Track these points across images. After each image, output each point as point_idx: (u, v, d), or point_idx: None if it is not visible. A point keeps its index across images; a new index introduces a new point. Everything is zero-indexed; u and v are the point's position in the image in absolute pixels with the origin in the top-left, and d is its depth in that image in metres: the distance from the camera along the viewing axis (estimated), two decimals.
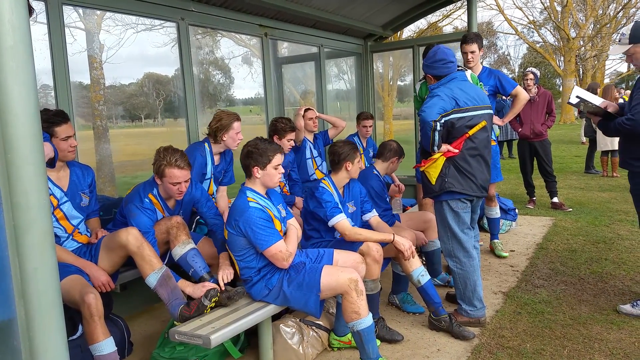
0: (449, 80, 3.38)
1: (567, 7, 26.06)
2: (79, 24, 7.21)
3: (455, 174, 3.34)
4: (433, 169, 3.36)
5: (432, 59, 3.43)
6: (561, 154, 13.60)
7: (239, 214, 2.86)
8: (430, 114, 3.20)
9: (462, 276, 3.52)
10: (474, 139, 3.33)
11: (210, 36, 8.21)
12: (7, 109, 1.35)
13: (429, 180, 3.40)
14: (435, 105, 3.23)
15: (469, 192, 3.37)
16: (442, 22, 21.87)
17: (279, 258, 2.85)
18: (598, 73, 31.50)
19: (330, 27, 6.38)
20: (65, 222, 3.01)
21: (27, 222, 1.38)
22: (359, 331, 2.86)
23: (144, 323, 3.91)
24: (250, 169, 2.97)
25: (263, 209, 2.90)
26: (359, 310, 2.84)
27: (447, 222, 3.47)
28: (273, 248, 2.82)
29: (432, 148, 3.29)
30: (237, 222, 2.85)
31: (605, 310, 3.71)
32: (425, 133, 3.26)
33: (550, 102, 7.02)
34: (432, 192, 3.44)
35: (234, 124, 3.79)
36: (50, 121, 2.83)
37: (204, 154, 3.80)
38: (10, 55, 1.35)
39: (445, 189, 3.35)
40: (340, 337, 3.31)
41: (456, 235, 3.48)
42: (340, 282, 2.84)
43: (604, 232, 5.76)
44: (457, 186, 3.34)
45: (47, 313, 1.41)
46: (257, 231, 2.81)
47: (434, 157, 3.33)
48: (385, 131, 16.88)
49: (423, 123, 3.24)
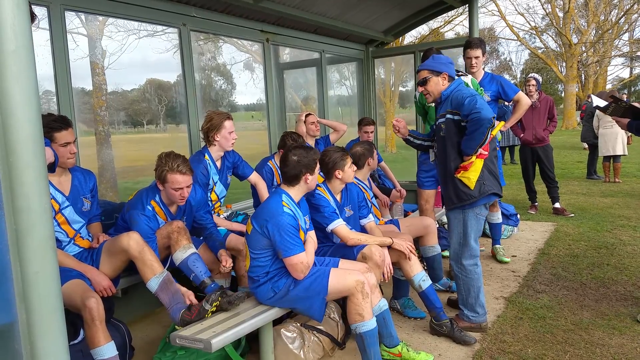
0: (459, 83, 3.38)
1: (569, 13, 26.11)
2: (81, 30, 7.27)
3: (489, 176, 3.33)
4: (473, 173, 3.28)
5: (446, 59, 3.44)
6: (563, 160, 13.59)
7: (271, 216, 2.86)
8: (488, 111, 3.06)
9: (466, 283, 3.51)
10: (494, 139, 3.36)
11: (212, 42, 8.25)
12: (9, 113, 1.36)
13: (467, 186, 3.30)
14: (485, 103, 3.13)
15: (499, 192, 3.41)
16: (443, 28, 21.95)
17: (298, 269, 2.86)
18: (600, 79, 31.54)
19: (332, 32, 6.40)
20: (66, 226, 3.02)
21: (28, 226, 1.38)
22: (361, 334, 2.87)
23: (145, 327, 3.91)
24: (300, 176, 3.00)
25: (295, 217, 2.91)
26: (363, 313, 2.85)
27: (467, 228, 3.43)
28: (295, 258, 2.83)
29: (477, 149, 3.20)
30: (267, 223, 2.85)
31: (607, 315, 3.70)
32: (482, 132, 3.10)
33: (552, 108, 7.04)
34: (469, 199, 3.32)
35: (225, 122, 3.78)
36: (49, 126, 2.82)
37: (206, 171, 3.81)
38: (13, 60, 1.36)
39: (485, 192, 3.31)
40: (390, 348, 3.18)
41: (469, 243, 3.46)
42: (347, 283, 2.85)
43: (606, 238, 5.75)
44: (494, 187, 3.35)
45: (48, 317, 1.41)
46: (286, 238, 2.81)
47: (472, 160, 3.26)
48: (386, 137, 16.90)
49: (481, 121, 3.06)
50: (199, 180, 3.73)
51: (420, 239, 4.18)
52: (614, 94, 3.56)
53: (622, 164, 10.09)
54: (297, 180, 3.01)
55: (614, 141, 9.39)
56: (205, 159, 3.83)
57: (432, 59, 3.49)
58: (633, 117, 3.48)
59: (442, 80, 3.39)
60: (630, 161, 11.66)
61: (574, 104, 28.09)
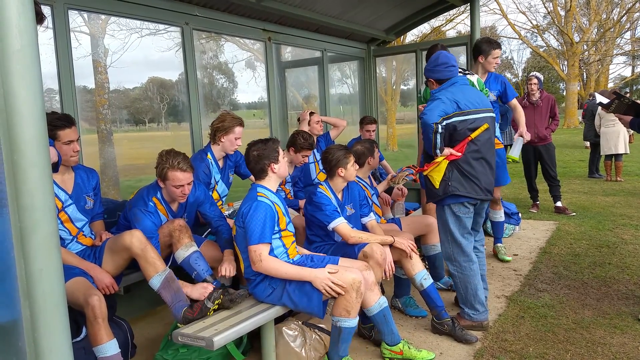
0: (451, 84, 3.40)
1: (571, 12, 26.06)
2: (84, 29, 7.26)
3: (459, 178, 3.34)
4: (436, 173, 3.36)
5: (434, 62, 3.46)
6: (565, 159, 13.58)
7: (246, 207, 2.90)
8: (431, 117, 3.22)
9: (462, 280, 3.52)
10: (477, 141, 3.33)
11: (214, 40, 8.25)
12: (14, 111, 1.37)
13: (433, 184, 3.40)
14: (437, 107, 3.25)
15: (472, 195, 3.37)
16: (445, 27, 21.94)
17: (252, 258, 2.85)
18: (602, 77, 31.49)
19: (334, 31, 6.40)
20: (69, 224, 3.03)
21: (32, 224, 1.39)
22: (341, 327, 2.88)
23: (147, 325, 3.92)
24: (266, 168, 3.03)
25: (272, 205, 2.93)
26: (351, 310, 2.86)
27: (448, 226, 3.48)
28: (253, 250, 2.83)
29: (434, 151, 3.30)
30: (245, 216, 2.88)
31: (609, 314, 3.70)
32: (427, 136, 3.27)
33: (554, 107, 7.04)
34: (435, 196, 3.43)
35: (235, 128, 3.80)
36: (53, 124, 2.80)
37: (208, 170, 3.81)
38: (17, 59, 1.36)
39: (449, 192, 3.35)
40: (391, 346, 3.18)
41: (456, 239, 3.48)
42: (343, 280, 2.84)
43: (608, 237, 5.75)
44: (461, 190, 3.35)
45: (52, 314, 1.42)
46: (252, 224, 2.83)
47: (437, 160, 3.33)
48: (388, 135, 16.90)
49: (425, 126, 3.26)
50: (200, 179, 3.74)
51: (422, 237, 4.18)
52: (616, 91, 3.53)
53: (624, 162, 10.08)
54: (264, 172, 3.05)
55: (616, 140, 9.38)
56: (208, 158, 3.84)
57: (427, 64, 3.58)
58: (635, 115, 3.46)
59: (431, 85, 3.53)
60: (632, 160, 11.64)
61: (575, 102, 28.08)
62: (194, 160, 3.83)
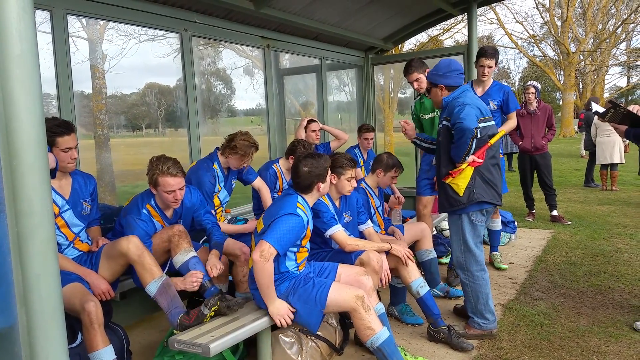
0: (462, 91, 3.40)
1: (567, 22, 26.24)
2: (82, 34, 7.28)
3: (481, 184, 3.35)
4: (462, 180, 3.33)
5: (445, 68, 3.42)
6: (561, 168, 13.63)
7: (281, 211, 2.84)
8: (471, 122, 3.18)
9: (474, 289, 3.52)
10: (493, 148, 3.38)
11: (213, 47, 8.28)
12: (13, 116, 1.37)
13: (456, 192, 3.36)
14: (471, 112, 3.22)
15: (494, 201, 3.40)
16: (442, 36, 22.08)
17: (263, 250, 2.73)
18: (597, 87, 31.66)
19: (332, 39, 6.43)
20: (66, 229, 3.02)
21: (30, 229, 1.39)
22: (379, 347, 2.85)
23: (143, 332, 3.91)
24: (313, 186, 3.01)
25: (305, 225, 2.91)
26: (371, 326, 2.84)
27: (464, 235, 3.46)
28: (269, 246, 2.74)
29: (464, 157, 3.27)
30: (274, 217, 2.83)
31: (604, 323, 3.71)
32: (464, 142, 3.21)
33: (551, 116, 7.06)
34: (458, 205, 3.38)
35: (249, 151, 3.80)
36: (52, 131, 2.78)
37: (213, 179, 3.82)
38: (17, 64, 1.37)
39: (474, 199, 3.34)
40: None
41: (470, 248, 3.47)
42: (346, 299, 2.84)
43: (603, 245, 5.77)
44: (485, 196, 3.36)
45: (48, 319, 1.42)
46: (280, 229, 2.77)
47: (461, 167, 3.32)
48: (385, 143, 16.91)
49: (463, 131, 3.19)
50: (206, 189, 3.74)
51: (416, 243, 4.19)
52: (612, 100, 3.54)
53: (619, 172, 10.12)
54: (309, 189, 3.03)
55: (612, 149, 9.43)
56: (214, 168, 3.85)
57: (434, 69, 3.53)
58: (630, 125, 3.48)
59: (440, 91, 3.47)
60: (627, 169, 11.69)
61: (571, 112, 28.20)
62: (199, 168, 3.84)
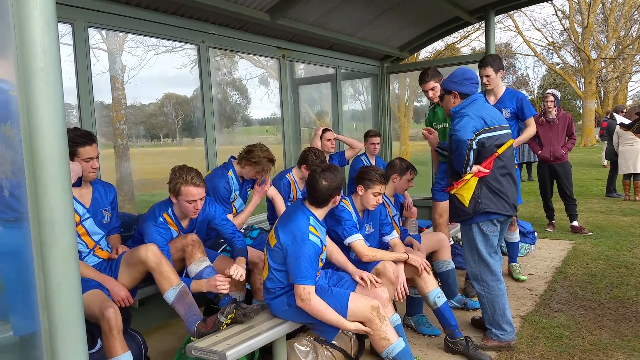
0: (472, 101, 3.40)
1: (588, 29, 25.85)
2: (102, 46, 7.41)
3: (488, 194, 3.32)
4: (466, 191, 3.33)
5: (461, 76, 3.44)
6: (581, 177, 13.41)
7: (294, 239, 2.86)
8: (465, 133, 3.21)
9: (490, 300, 3.48)
10: (503, 157, 3.35)
11: (229, 57, 8.37)
12: (37, 128, 1.41)
13: (462, 203, 3.36)
14: (468, 124, 3.24)
15: (502, 211, 3.36)
16: (459, 44, 21.99)
17: (301, 297, 2.81)
18: (620, 94, 31.12)
19: (347, 49, 6.47)
20: (87, 237, 3.08)
21: (52, 238, 1.42)
22: (394, 358, 2.85)
23: (160, 338, 3.94)
24: (330, 200, 3.01)
25: (320, 246, 2.92)
26: (386, 336, 2.84)
27: (476, 245, 3.44)
28: (302, 287, 2.80)
29: (464, 168, 3.28)
30: (289, 245, 2.85)
31: (627, 336, 3.63)
32: (460, 153, 3.24)
33: (571, 125, 6.93)
34: (464, 215, 3.39)
35: (267, 167, 3.83)
36: (74, 141, 2.83)
37: (228, 186, 3.85)
38: (41, 77, 1.41)
39: (479, 210, 3.33)
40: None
41: (484, 258, 3.45)
42: (362, 309, 2.84)
43: (626, 257, 5.65)
44: (492, 206, 3.33)
45: (69, 326, 1.44)
46: (302, 265, 2.80)
47: (465, 178, 3.32)
48: (401, 152, 16.85)
49: (458, 142, 3.23)
50: (221, 194, 3.77)
51: (434, 254, 4.16)
52: (638, 111, 3.50)
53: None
54: (326, 203, 3.03)
55: (635, 159, 9.25)
56: (229, 175, 3.89)
57: (450, 75, 3.54)
58: None
59: (453, 98, 3.47)
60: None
61: (592, 120, 27.74)
62: (214, 175, 3.88)
